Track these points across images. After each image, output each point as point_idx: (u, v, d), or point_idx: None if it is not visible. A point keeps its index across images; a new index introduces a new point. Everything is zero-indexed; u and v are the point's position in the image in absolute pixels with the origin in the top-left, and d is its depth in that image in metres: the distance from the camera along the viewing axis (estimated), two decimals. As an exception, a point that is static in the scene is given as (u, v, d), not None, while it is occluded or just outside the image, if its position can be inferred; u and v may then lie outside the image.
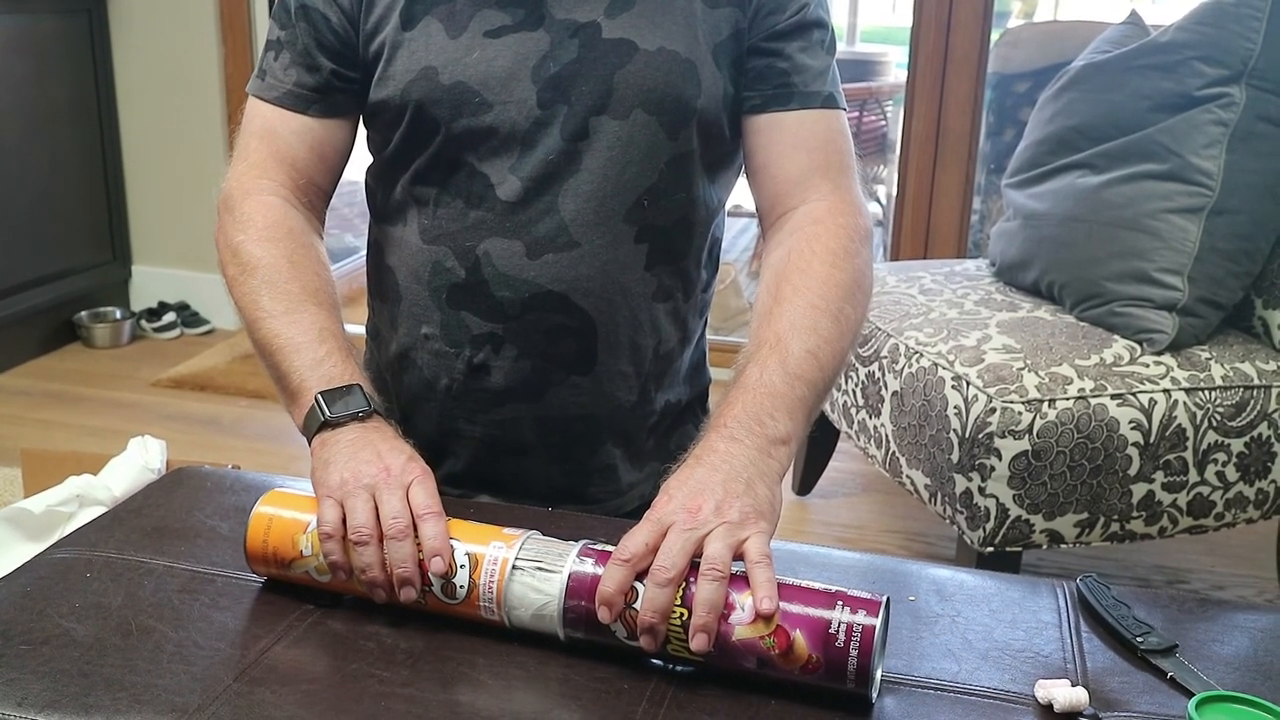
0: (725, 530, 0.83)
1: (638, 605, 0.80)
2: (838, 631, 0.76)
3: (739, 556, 0.82)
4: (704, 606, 0.78)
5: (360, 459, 0.91)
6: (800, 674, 0.78)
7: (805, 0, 1.07)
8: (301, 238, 1.08)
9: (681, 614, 0.79)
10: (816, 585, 0.80)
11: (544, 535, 0.87)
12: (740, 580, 0.80)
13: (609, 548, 0.83)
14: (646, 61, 1.03)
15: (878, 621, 0.77)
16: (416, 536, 0.85)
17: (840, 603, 0.78)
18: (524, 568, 0.84)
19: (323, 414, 0.94)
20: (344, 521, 0.87)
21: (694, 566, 0.81)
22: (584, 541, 0.84)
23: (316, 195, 1.14)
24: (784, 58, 1.07)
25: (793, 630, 0.77)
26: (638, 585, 0.80)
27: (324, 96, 1.10)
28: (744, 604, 0.78)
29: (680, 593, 0.79)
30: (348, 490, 0.88)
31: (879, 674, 0.79)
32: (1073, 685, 0.80)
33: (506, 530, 0.87)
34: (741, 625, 0.78)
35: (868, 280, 1.06)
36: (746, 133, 1.10)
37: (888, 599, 0.79)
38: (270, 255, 1.05)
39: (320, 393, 0.95)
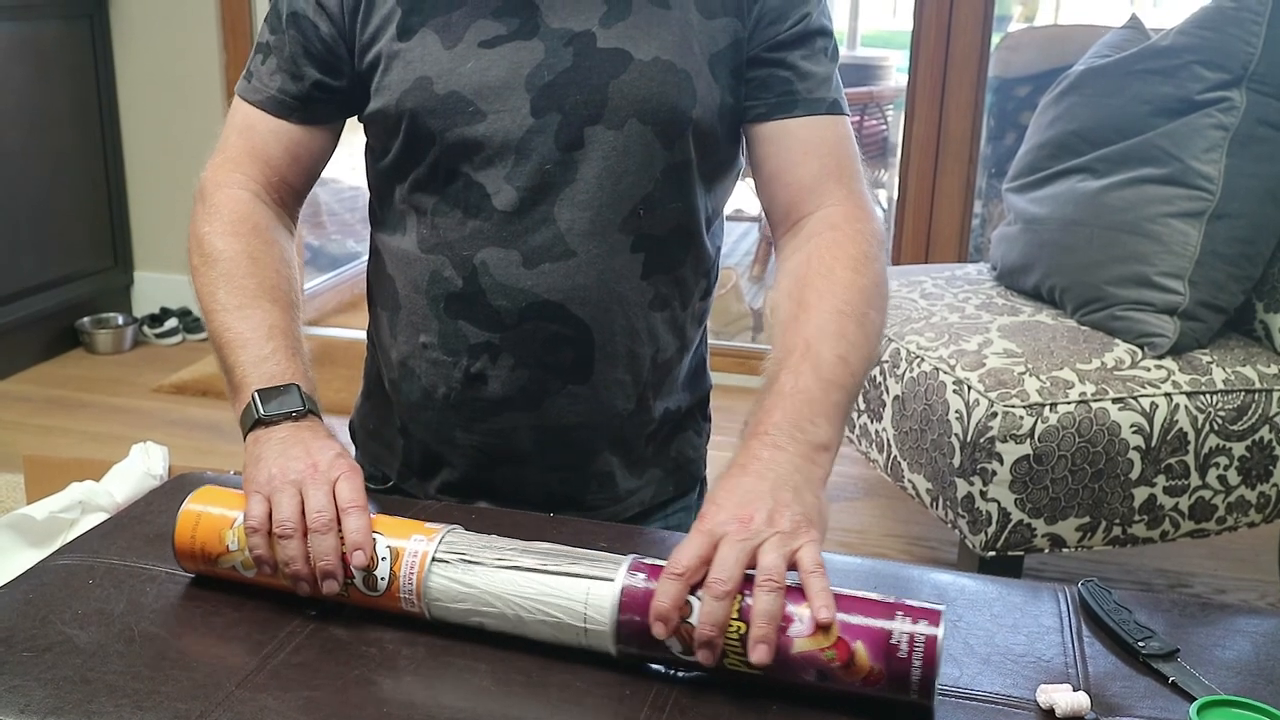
0: (778, 540, 0.81)
1: (693, 619, 0.78)
2: (899, 642, 0.75)
3: (792, 566, 0.81)
4: (763, 618, 0.77)
5: (290, 455, 0.92)
6: (861, 685, 0.76)
7: (807, 10, 1.07)
8: (267, 234, 1.09)
9: (739, 628, 0.77)
10: (873, 595, 0.79)
11: (466, 530, 0.89)
12: (796, 592, 0.78)
13: (659, 562, 0.82)
14: (641, 71, 1.03)
15: (940, 631, 0.76)
16: (340, 531, 0.87)
17: (900, 612, 0.77)
18: (445, 559, 0.85)
19: (256, 411, 0.95)
20: (270, 516, 0.88)
21: (747, 578, 0.80)
22: (633, 556, 0.83)
23: (289, 193, 1.15)
24: (787, 66, 1.07)
25: (853, 642, 0.76)
26: (691, 599, 0.79)
27: (305, 105, 1.11)
28: (802, 616, 0.77)
29: (738, 608, 0.78)
30: (275, 486, 0.89)
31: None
32: (1074, 690, 0.80)
33: (429, 525, 0.89)
34: (801, 638, 0.77)
35: (886, 285, 1.06)
36: (753, 141, 1.10)
37: (945, 608, 0.78)
38: (232, 249, 1.06)
39: (257, 390, 0.97)
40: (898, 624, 0.76)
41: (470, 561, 0.85)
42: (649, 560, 0.83)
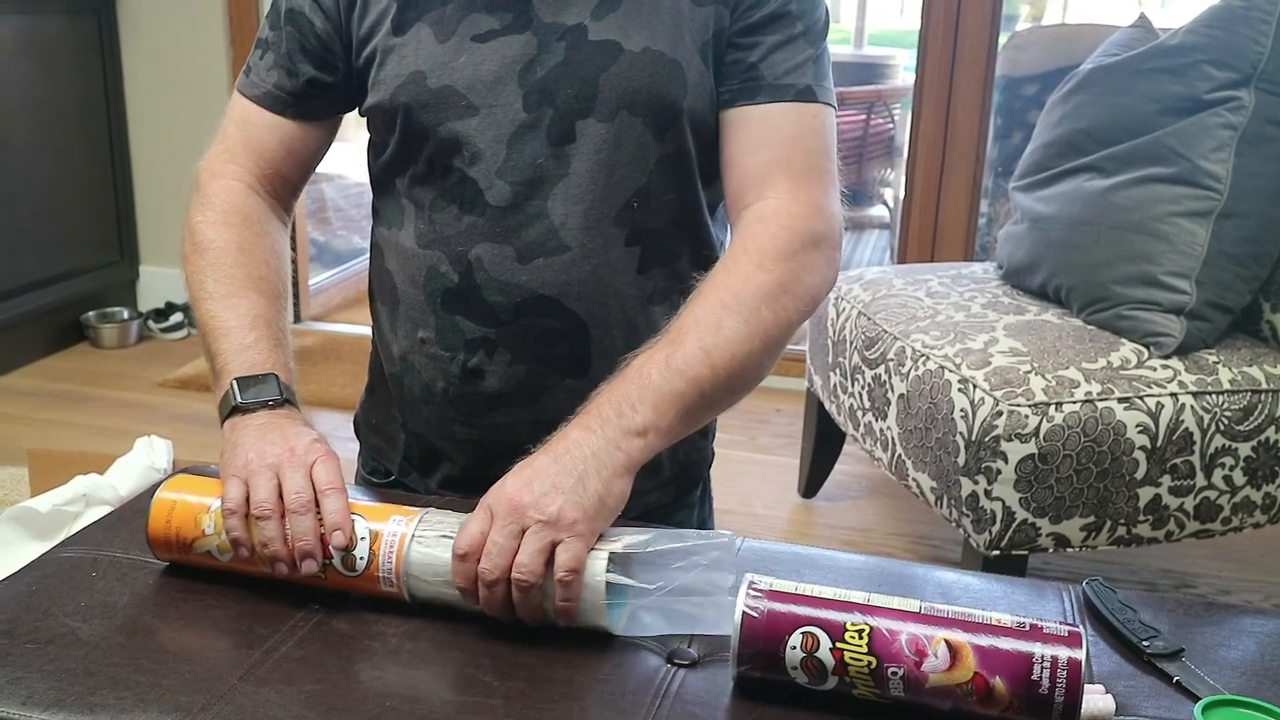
0: (540, 531, 0.84)
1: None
2: (1041, 678, 0.73)
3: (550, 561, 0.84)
4: (522, 611, 0.84)
5: (267, 441, 0.93)
6: (1000, 714, 0.75)
7: None
8: (258, 225, 1.11)
9: (870, 662, 0.76)
10: (1006, 620, 0.76)
11: (440, 509, 0.90)
12: (929, 622, 0.76)
13: (778, 586, 0.79)
14: (631, 62, 1.03)
15: (1082, 655, 0.74)
16: (318, 512, 0.88)
17: (1037, 639, 0.74)
18: (424, 539, 0.86)
19: (234, 398, 0.97)
20: (248, 499, 0.88)
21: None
22: (749, 577, 0.81)
23: (283, 186, 1.16)
24: (754, 50, 1.04)
25: (991, 677, 0.74)
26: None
27: (299, 101, 1.12)
28: (937, 650, 0.75)
29: (866, 641, 0.76)
30: (252, 469, 0.90)
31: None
32: (1105, 692, 0.79)
33: (406, 507, 0.90)
34: (936, 673, 0.75)
35: (805, 285, 1.01)
36: (719, 128, 1.07)
37: (1083, 628, 0.76)
38: (222, 239, 1.07)
39: (236, 378, 0.98)
40: (1037, 650, 0.74)
41: (449, 540, 0.86)
42: (766, 583, 0.80)
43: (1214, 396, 1.70)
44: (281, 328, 1.05)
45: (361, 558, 0.87)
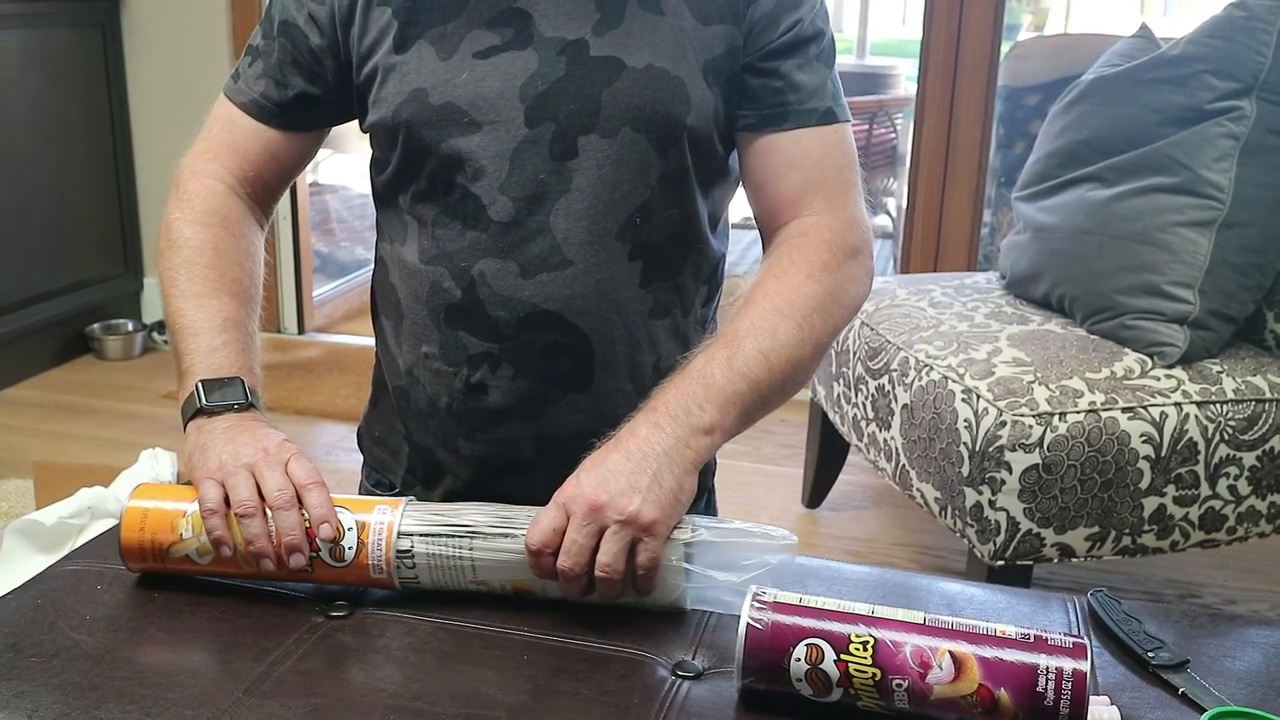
0: (619, 530, 0.86)
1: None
2: (1046, 689, 0.73)
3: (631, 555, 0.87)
4: (606, 598, 0.88)
5: (238, 442, 0.93)
6: None
7: (799, 15, 1.07)
8: (236, 227, 1.12)
9: (874, 674, 0.76)
10: (1011, 631, 0.76)
11: (419, 500, 0.92)
12: (934, 633, 0.76)
13: (784, 597, 0.79)
14: (634, 79, 1.03)
15: (1087, 666, 0.74)
16: (302, 507, 0.89)
17: (1042, 650, 0.74)
18: (412, 526, 0.88)
19: (199, 401, 0.97)
20: (226, 500, 0.89)
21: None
22: (753, 589, 0.81)
23: (263, 189, 1.17)
24: (778, 76, 1.07)
25: (996, 689, 0.74)
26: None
27: (285, 113, 1.13)
28: (942, 662, 0.75)
29: (871, 653, 0.76)
30: (227, 470, 0.91)
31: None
32: (1110, 704, 0.79)
33: (389, 498, 0.92)
34: (941, 684, 0.75)
35: (849, 295, 1.06)
36: (743, 151, 1.10)
37: (1087, 640, 0.76)
38: (198, 238, 1.09)
39: (201, 380, 0.98)
40: (1042, 662, 0.74)
41: (437, 527, 0.88)
42: (770, 594, 0.80)
43: (1218, 406, 1.70)
44: (251, 332, 1.06)
45: (350, 548, 0.88)
